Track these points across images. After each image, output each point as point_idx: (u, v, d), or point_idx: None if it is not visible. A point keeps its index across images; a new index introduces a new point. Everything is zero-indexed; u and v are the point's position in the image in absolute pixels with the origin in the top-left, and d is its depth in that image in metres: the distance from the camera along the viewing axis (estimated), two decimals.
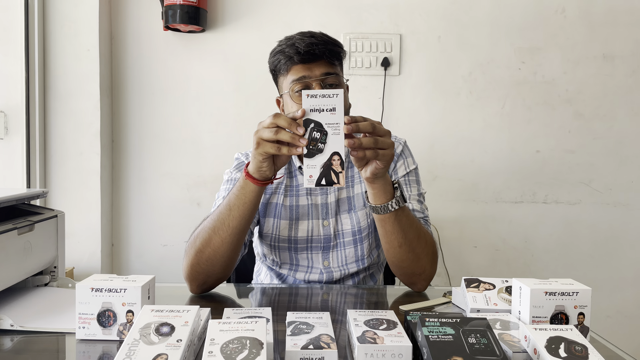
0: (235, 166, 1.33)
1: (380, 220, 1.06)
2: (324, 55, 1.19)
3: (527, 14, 2.13)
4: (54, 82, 2.01)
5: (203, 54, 2.13)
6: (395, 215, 1.04)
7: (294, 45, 1.19)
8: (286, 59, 1.20)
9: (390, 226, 1.06)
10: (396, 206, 1.03)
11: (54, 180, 2.04)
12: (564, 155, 2.18)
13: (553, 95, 2.16)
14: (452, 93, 2.16)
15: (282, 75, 1.24)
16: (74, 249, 2.04)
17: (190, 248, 1.11)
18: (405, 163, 1.32)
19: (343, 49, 1.26)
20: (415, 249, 1.10)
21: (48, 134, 2.03)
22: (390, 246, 1.10)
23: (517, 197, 2.19)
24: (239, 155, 1.36)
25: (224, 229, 1.07)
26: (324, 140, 0.91)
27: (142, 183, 2.17)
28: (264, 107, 2.13)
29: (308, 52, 1.17)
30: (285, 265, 1.31)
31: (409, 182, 1.30)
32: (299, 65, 1.19)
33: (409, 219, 1.08)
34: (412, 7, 2.13)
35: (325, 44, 1.20)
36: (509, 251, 2.21)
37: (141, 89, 2.14)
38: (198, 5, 2.01)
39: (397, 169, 1.31)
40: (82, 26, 2.01)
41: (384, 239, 1.10)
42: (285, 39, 1.24)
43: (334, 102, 0.91)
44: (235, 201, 1.06)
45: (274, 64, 1.26)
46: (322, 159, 0.91)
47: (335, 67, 1.23)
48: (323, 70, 1.20)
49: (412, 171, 1.32)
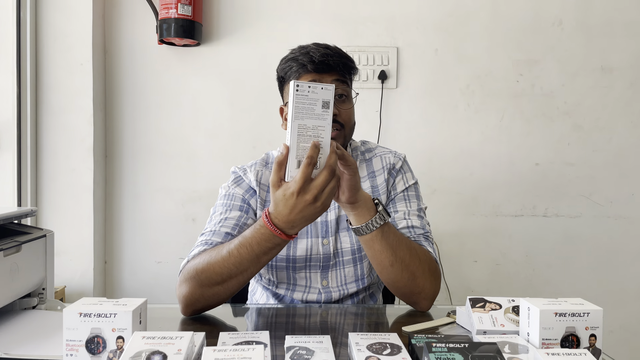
0: (232, 181, 1.29)
1: (368, 241, 1.03)
2: (338, 67, 1.19)
3: (524, 26, 2.12)
4: (46, 97, 1.98)
5: (198, 67, 2.11)
6: (382, 232, 1.01)
7: (308, 53, 1.18)
8: (299, 66, 1.19)
9: (378, 245, 1.03)
10: (380, 222, 1.00)
11: (46, 197, 1.99)
12: (564, 168, 2.15)
13: (551, 107, 2.14)
14: (450, 106, 2.14)
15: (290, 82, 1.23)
16: (66, 267, 2.00)
17: (191, 278, 1.04)
18: (404, 178, 1.29)
19: (355, 66, 1.26)
20: (409, 267, 1.06)
21: (40, 149, 1.99)
22: (382, 267, 1.06)
23: (517, 210, 2.16)
24: (236, 169, 1.32)
25: (245, 275, 1.02)
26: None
27: (136, 199, 2.13)
28: (259, 120, 2.10)
29: (322, 62, 1.17)
30: (282, 285, 1.27)
31: (408, 197, 1.27)
32: (310, 74, 1.18)
33: (397, 235, 1.05)
34: (409, 20, 2.12)
35: (340, 56, 1.20)
36: (509, 265, 2.17)
37: (135, 103, 2.11)
38: (193, 19, 1.99)
39: (396, 185, 1.28)
40: (75, 40, 1.98)
41: (375, 260, 1.06)
42: (299, 47, 1.23)
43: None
44: (265, 257, 0.99)
45: (284, 71, 1.23)
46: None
47: (346, 80, 1.23)
48: (334, 79, 1.19)
49: (412, 186, 1.29)
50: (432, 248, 1.18)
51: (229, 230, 1.19)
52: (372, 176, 1.30)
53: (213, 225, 1.21)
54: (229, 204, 1.25)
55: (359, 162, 1.32)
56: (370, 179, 1.29)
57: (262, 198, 1.27)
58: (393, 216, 1.22)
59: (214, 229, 1.19)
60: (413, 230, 1.19)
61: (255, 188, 1.27)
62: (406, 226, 1.19)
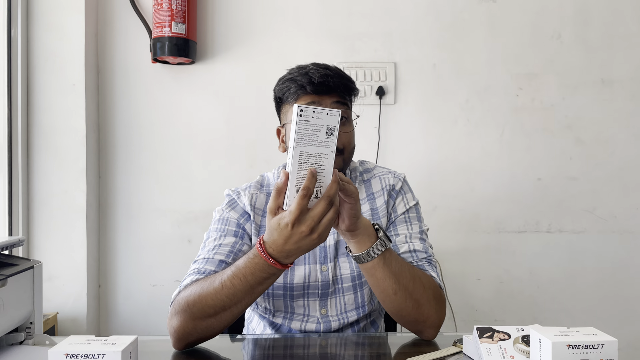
0: (226, 204, 1.24)
1: (369, 269, 0.98)
2: (338, 88, 1.15)
3: (522, 40, 2.10)
4: (37, 118, 1.94)
5: (193, 86, 2.08)
6: (384, 260, 0.97)
7: (307, 74, 1.13)
8: (297, 87, 1.14)
9: (380, 273, 0.98)
10: (382, 249, 0.95)
11: (37, 220, 1.94)
12: (566, 183, 2.11)
13: (552, 121, 2.11)
14: (449, 121, 2.10)
15: (289, 103, 1.18)
16: (58, 292, 1.94)
17: (182, 311, 0.99)
18: (404, 199, 1.25)
19: (356, 87, 1.22)
20: (413, 295, 1.01)
21: (31, 171, 1.94)
22: (384, 295, 1.01)
23: (519, 226, 2.12)
24: (230, 192, 1.27)
25: (239, 306, 0.97)
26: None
27: (130, 220, 2.08)
28: (256, 139, 2.07)
29: (322, 83, 1.12)
30: (279, 314, 1.22)
31: (409, 219, 1.22)
32: (309, 95, 1.14)
33: (399, 261, 1.01)
34: (406, 35, 2.09)
35: (340, 77, 1.16)
36: (513, 283, 2.12)
37: (129, 123, 2.07)
38: (187, 37, 1.96)
39: (396, 207, 1.23)
40: (67, 60, 1.95)
41: (377, 288, 1.01)
42: (297, 67, 1.18)
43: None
44: (260, 287, 0.95)
45: (281, 91, 1.19)
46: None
47: (347, 101, 1.19)
48: (334, 100, 1.15)
49: (413, 207, 1.24)
50: (435, 272, 1.13)
51: (223, 258, 1.14)
52: (372, 198, 1.25)
53: (206, 252, 1.16)
54: (223, 229, 1.20)
55: (358, 183, 1.28)
56: (369, 201, 1.25)
57: (257, 223, 1.22)
58: (394, 240, 1.18)
59: (207, 256, 1.15)
60: (415, 255, 1.14)
61: (249, 212, 1.23)
62: (408, 250, 1.15)
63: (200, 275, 1.09)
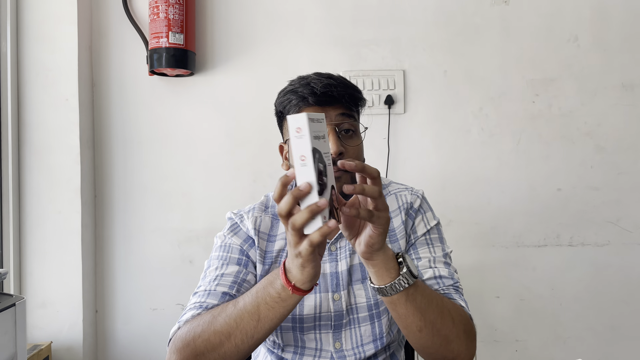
0: (228, 229, 1.14)
1: (390, 303, 0.87)
2: (343, 99, 1.04)
3: (537, 43, 1.99)
4: (29, 136, 1.84)
5: (192, 99, 1.97)
6: (407, 295, 0.85)
7: (309, 84, 1.04)
8: (298, 99, 1.04)
9: (403, 309, 0.87)
10: (405, 284, 0.84)
11: (29, 243, 1.84)
12: (588, 193, 2.00)
13: (571, 128, 2.00)
14: (463, 130, 2.00)
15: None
16: (52, 320, 1.83)
17: (184, 347, 0.90)
18: (424, 219, 1.14)
19: (363, 97, 1.11)
20: (440, 331, 0.90)
21: (23, 192, 1.84)
22: (408, 331, 0.90)
23: (539, 240, 2.00)
24: (232, 215, 1.17)
25: (246, 339, 0.88)
26: (326, 173, 0.75)
27: (128, 241, 1.97)
28: (258, 153, 1.97)
29: (325, 93, 1.02)
30: (289, 348, 1.10)
31: (431, 241, 1.11)
32: (312, 107, 1.04)
33: (426, 295, 0.89)
34: (415, 41, 1.99)
35: (345, 87, 1.06)
36: (534, 300, 2.00)
37: (126, 139, 1.97)
38: (185, 48, 1.86)
39: (416, 227, 1.12)
40: (59, 74, 1.85)
41: (400, 323, 0.90)
42: (298, 78, 1.09)
43: (323, 127, 0.76)
44: (270, 314, 0.86)
45: (282, 105, 1.09)
46: (328, 195, 0.75)
47: (353, 113, 1.09)
48: (340, 112, 1.05)
49: (434, 228, 1.14)
50: (464, 301, 1.02)
51: (226, 290, 1.03)
52: None
53: (207, 283, 1.05)
54: (224, 257, 1.09)
55: None
56: None
57: (262, 248, 1.11)
58: (416, 264, 1.07)
59: (209, 288, 1.04)
60: (441, 282, 1.03)
61: (253, 237, 1.12)
62: (433, 276, 1.03)
63: (201, 310, 0.99)
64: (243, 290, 1.05)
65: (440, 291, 1.01)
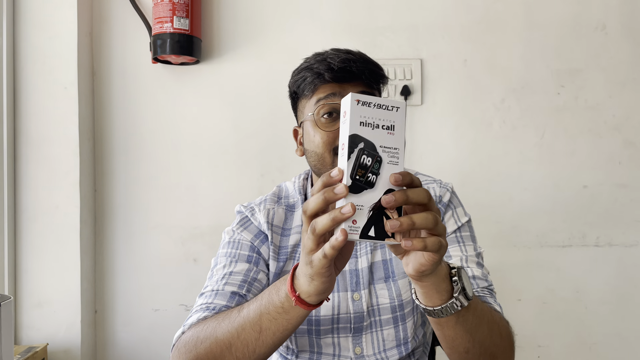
0: (238, 223, 1.05)
1: (437, 323, 0.75)
2: (363, 75, 0.95)
3: (563, 32, 1.89)
4: (25, 126, 1.74)
5: (197, 88, 1.87)
6: (457, 317, 0.73)
7: (325, 60, 0.94)
8: (314, 76, 0.95)
9: (451, 331, 0.75)
10: (458, 307, 0.71)
11: (25, 239, 1.74)
12: (615, 190, 1.89)
13: (598, 122, 1.89)
14: (483, 123, 1.89)
15: (306, 97, 0.99)
16: (49, 321, 1.74)
17: (187, 352, 0.82)
18: (454, 215, 1.04)
19: (385, 74, 1.01)
20: (488, 349, 0.79)
21: (18, 185, 1.74)
22: (452, 351, 0.79)
23: (564, 240, 1.89)
24: (241, 208, 1.07)
25: (247, 352, 0.77)
26: (376, 170, 0.62)
27: (129, 238, 1.87)
28: (267, 146, 1.86)
29: (343, 69, 0.93)
30: (304, 354, 1.00)
31: (462, 239, 1.01)
32: (329, 84, 0.95)
33: (477, 314, 0.76)
34: (433, 29, 1.88)
35: (365, 62, 0.96)
36: (558, 304, 1.89)
37: (127, 130, 1.87)
38: (191, 34, 1.76)
39: (445, 223, 1.02)
40: (58, 61, 1.75)
41: (444, 343, 0.79)
42: (314, 54, 1.00)
43: (394, 117, 0.63)
44: (272, 326, 0.75)
45: (296, 84, 1.00)
46: (372, 198, 0.61)
47: (374, 91, 0.99)
48: (359, 90, 0.95)
49: (465, 225, 1.04)
50: (498, 305, 0.92)
51: (235, 289, 0.94)
52: None
53: (215, 282, 0.96)
54: (233, 254, 1.00)
55: None
56: None
57: (275, 244, 1.02)
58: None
59: (216, 287, 0.94)
60: (475, 283, 0.94)
61: (266, 232, 1.02)
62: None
63: (208, 312, 0.89)
64: (253, 290, 0.96)
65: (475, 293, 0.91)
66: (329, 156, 0.95)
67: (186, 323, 0.89)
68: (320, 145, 0.95)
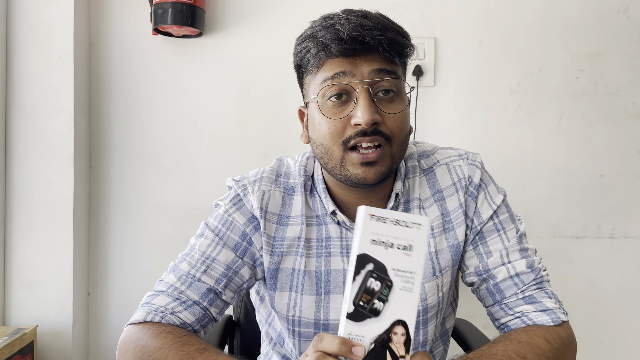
0: (231, 200, 0.91)
1: None
2: (381, 45, 0.77)
3: (584, 14, 1.80)
4: (17, 97, 1.65)
5: (200, 62, 1.78)
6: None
7: (333, 26, 0.77)
8: (319, 47, 0.79)
9: None
10: None
11: (16, 216, 1.66)
12: (633, 180, 1.82)
13: (618, 108, 1.81)
14: (498, 107, 1.81)
15: (310, 73, 0.83)
16: (39, 302, 1.66)
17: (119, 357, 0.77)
18: (488, 197, 0.90)
19: (410, 41, 0.83)
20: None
21: (9, 159, 1.66)
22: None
23: (578, 231, 1.82)
24: (232, 183, 0.94)
25: None
26: (385, 297, 0.54)
27: (125, 217, 1.79)
28: (271, 125, 1.78)
29: (354, 39, 0.75)
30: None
31: (501, 224, 0.89)
32: (337, 59, 0.78)
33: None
34: (449, 7, 1.80)
35: (384, 29, 0.78)
36: (570, 296, 1.82)
37: (125, 104, 1.78)
38: (194, 4, 1.67)
39: (479, 210, 0.89)
40: (53, 29, 1.66)
41: None
42: (322, 18, 0.82)
43: (413, 235, 0.55)
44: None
45: (299, 56, 0.84)
46: (376, 329, 0.54)
47: (395, 66, 0.81)
48: (376, 67, 0.78)
49: (501, 206, 0.90)
50: (551, 298, 0.83)
51: (212, 284, 0.84)
52: (440, 198, 0.90)
53: (195, 262, 0.85)
54: (223, 234, 0.88)
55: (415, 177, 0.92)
56: (437, 203, 0.90)
57: (268, 234, 0.88)
58: (486, 261, 0.87)
59: (194, 272, 0.84)
60: (519, 280, 0.84)
61: (258, 218, 0.88)
62: (508, 276, 0.85)
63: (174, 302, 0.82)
64: (231, 286, 0.86)
65: (519, 294, 0.84)
66: (338, 150, 0.79)
67: (147, 302, 0.83)
68: (326, 136, 0.80)
